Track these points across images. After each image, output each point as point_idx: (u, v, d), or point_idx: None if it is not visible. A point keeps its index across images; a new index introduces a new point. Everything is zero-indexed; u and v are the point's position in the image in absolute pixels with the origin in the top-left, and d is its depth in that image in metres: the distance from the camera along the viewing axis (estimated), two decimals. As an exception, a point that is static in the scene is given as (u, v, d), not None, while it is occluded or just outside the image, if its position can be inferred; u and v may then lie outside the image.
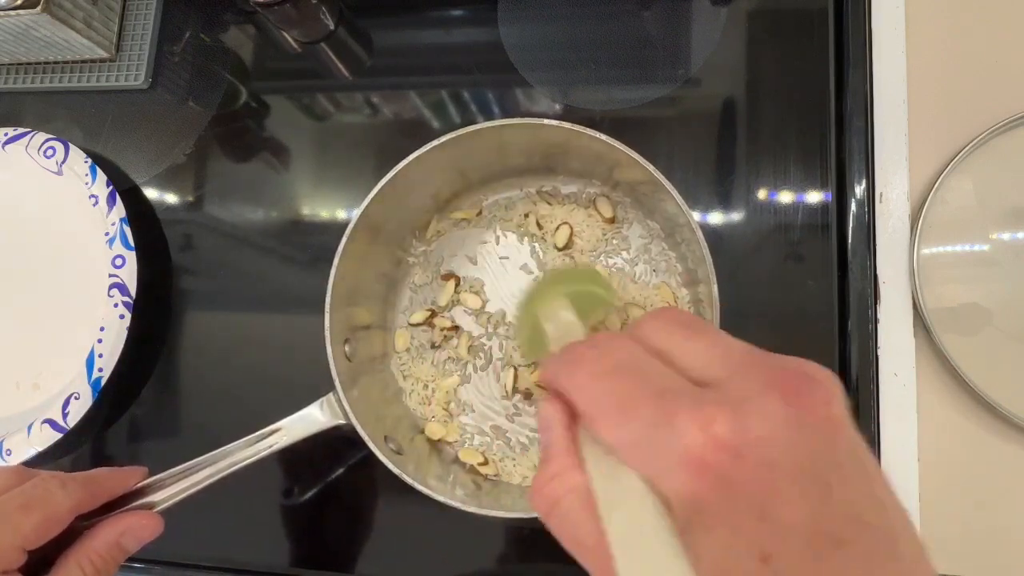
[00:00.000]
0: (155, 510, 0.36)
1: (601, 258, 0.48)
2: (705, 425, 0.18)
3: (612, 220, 0.48)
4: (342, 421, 0.41)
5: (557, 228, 0.48)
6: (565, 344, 0.30)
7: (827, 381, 0.19)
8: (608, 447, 0.20)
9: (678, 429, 0.18)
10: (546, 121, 0.42)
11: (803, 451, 0.18)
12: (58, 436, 0.50)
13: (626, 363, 0.21)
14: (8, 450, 0.51)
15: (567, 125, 0.41)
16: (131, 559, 0.50)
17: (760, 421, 0.18)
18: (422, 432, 0.48)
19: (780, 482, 0.17)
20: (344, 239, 0.43)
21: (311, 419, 0.42)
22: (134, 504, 0.36)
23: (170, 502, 0.37)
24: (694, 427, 0.18)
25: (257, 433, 0.40)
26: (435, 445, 0.47)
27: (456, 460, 0.47)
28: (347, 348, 0.44)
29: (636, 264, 0.48)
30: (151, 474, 0.37)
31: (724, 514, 0.17)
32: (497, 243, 0.49)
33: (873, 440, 0.45)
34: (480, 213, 0.50)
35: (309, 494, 0.51)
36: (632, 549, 0.19)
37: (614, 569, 0.19)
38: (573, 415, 0.23)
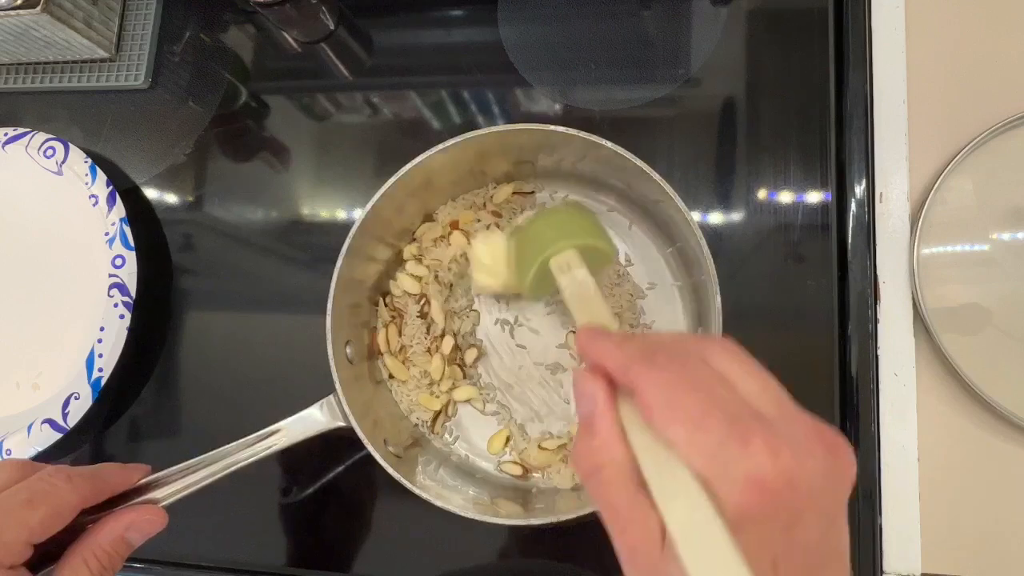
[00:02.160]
0: (170, 501, 0.36)
1: None
2: (774, 454, 0.21)
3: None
4: (342, 423, 0.41)
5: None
6: (592, 312, 0.33)
7: (849, 446, 0.24)
8: (668, 442, 0.23)
9: (751, 451, 0.22)
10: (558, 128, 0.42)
11: (830, 493, 0.23)
12: (58, 436, 0.50)
13: (703, 383, 0.24)
14: (8, 450, 0.51)
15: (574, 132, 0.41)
16: (131, 559, 0.50)
17: (812, 462, 0.22)
18: (423, 425, 0.48)
19: (808, 511, 0.22)
20: (348, 239, 0.43)
21: (311, 420, 0.42)
22: (137, 500, 0.36)
23: (171, 499, 0.37)
24: (765, 452, 0.21)
25: (258, 433, 0.40)
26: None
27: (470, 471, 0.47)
28: (348, 350, 0.44)
29: (631, 265, 0.48)
30: (151, 473, 0.37)
31: (761, 525, 0.21)
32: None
33: (873, 440, 0.45)
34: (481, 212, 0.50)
35: (307, 492, 0.51)
36: (694, 536, 0.22)
37: (672, 549, 0.22)
38: (613, 393, 0.26)
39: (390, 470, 0.40)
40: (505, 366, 0.48)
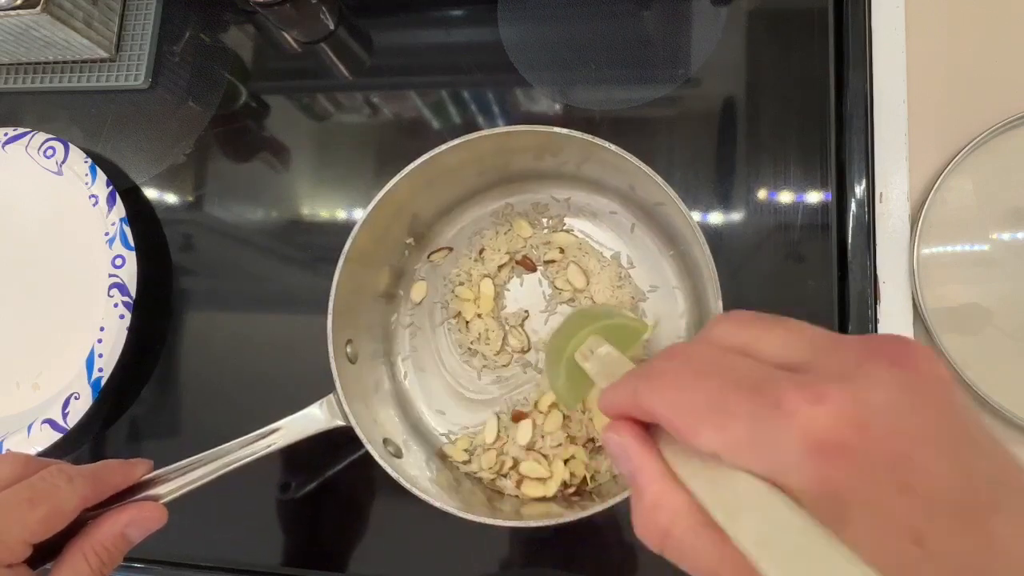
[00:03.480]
0: (170, 498, 0.37)
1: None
2: (817, 399, 0.16)
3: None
4: (342, 422, 0.41)
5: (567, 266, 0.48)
6: (614, 375, 0.29)
7: (921, 345, 0.18)
8: (711, 456, 0.19)
9: (788, 414, 0.17)
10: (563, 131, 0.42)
11: (927, 414, 0.16)
12: (58, 436, 0.50)
13: (709, 364, 0.20)
14: (8, 450, 0.51)
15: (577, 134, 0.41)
16: (131, 558, 0.50)
17: (874, 389, 0.16)
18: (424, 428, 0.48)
19: (913, 450, 0.16)
20: (351, 237, 0.43)
21: (311, 419, 0.42)
22: (138, 497, 0.36)
23: (171, 497, 0.37)
24: (806, 404, 0.16)
25: (258, 431, 0.40)
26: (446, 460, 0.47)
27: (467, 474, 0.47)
28: (349, 350, 0.44)
29: (632, 267, 0.48)
30: (153, 469, 0.37)
31: (864, 496, 0.16)
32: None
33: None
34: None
35: (306, 491, 0.51)
36: (779, 548, 0.17)
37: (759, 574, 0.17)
38: (646, 436, 0.22)
39: (389, 470, 0.40)
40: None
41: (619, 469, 0.23)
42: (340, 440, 0.42)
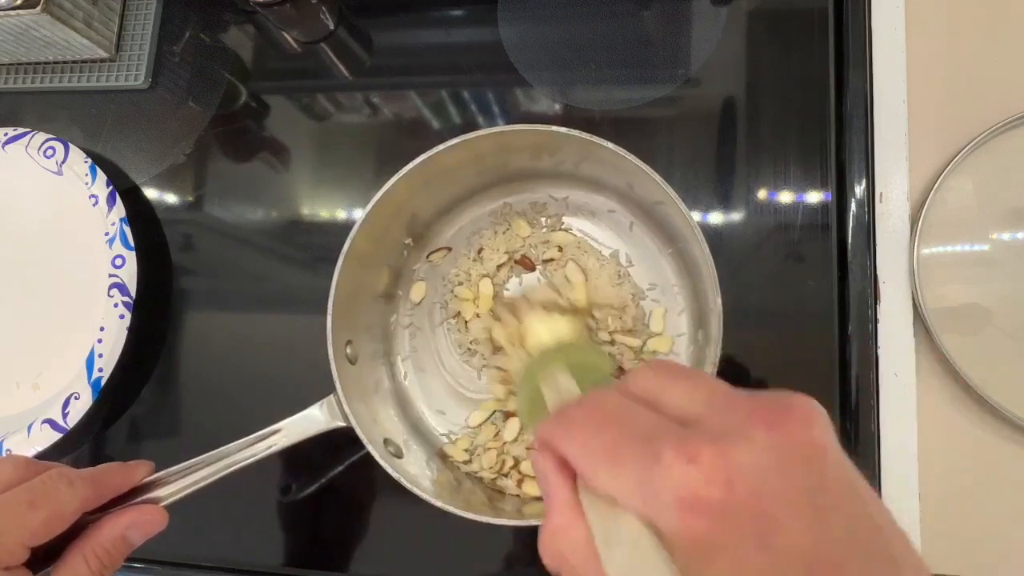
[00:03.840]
0: (169, 501, 0.36)
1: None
2: (691, 458, 0.18)
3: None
4: (342, 423, 0.41)
5: (565, 264, 0.48)
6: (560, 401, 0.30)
7: (806, 406, 0.19)
8: (607, 497, 0.20)
9: (665, 466, 0.18)
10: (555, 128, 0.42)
11: (790, 477, 0.18)
12: (58, 436, 0.50)
13: (613, 413, 0.21)
14: (8, 450, 0.51)
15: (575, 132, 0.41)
16: (131, 558, 0.50)
17: (744, 450, 0.18)
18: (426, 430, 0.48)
19: (774, 510, 0.17)
20: (350, 238, 0.43)
21: (312, 420, 0.41)
22: (138, 500, 0.36)
23: (171, 499, 0.37)
24: (680, 461, 0.18)
25: (258, 433, 0.40)
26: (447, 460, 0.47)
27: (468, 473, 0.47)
28: (348, 350, 0.44)
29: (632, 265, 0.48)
30: (154, 471, 0.37)
31: (724, 547, 0.17)
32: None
33: (873, 440, 0.45)
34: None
35: (307, 492, 0.51)
36: None
37: None
38: (564, 466, 0.23)
39: (390, 470, 0.40)
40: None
41: (540, 490, 0.25)
42: (340, 441, 0.42)
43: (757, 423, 0.19)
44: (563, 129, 0.41)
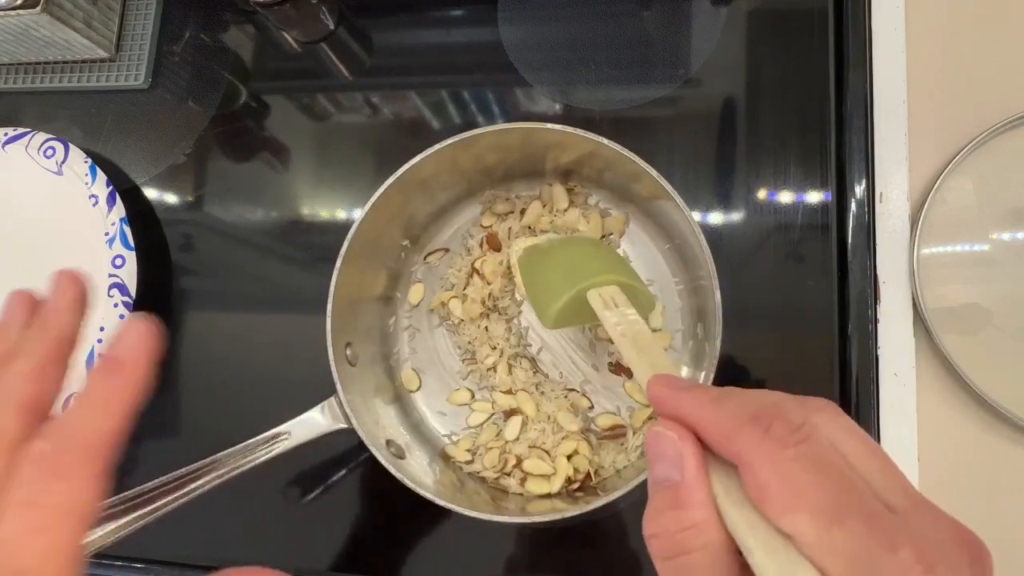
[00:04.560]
0: (157, 515, 0.36)
1: None
2: (929, 569, 0.18)
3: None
4: (344, 425, 0.41)
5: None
6: (643, 346, 0.30)
7: (988, 552, 0.21)
8: (786, 532, 0.19)
9: (900, 561, 0.18)
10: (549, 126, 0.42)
11: None
12: (58, 436, 0.50)
13: (828, 462, 0.20)
14: (8, 450, 0.51)
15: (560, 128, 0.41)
16: (131, 559, 0.50)
17: None
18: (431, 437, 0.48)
19: None
20: (347, 241, 0.43)
21: (313, 423, 0.41)
22: (142, 506, 0.36)
23: (172, 507, 0.37)
24: (919, 566, 0.18)
25: (259, 437, 0.40)
26: (449, 461, 0.47)
27: (469, 472, 0.47)
28: (348, 352, 0.44)
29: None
30: (151, 477, 0.37)
31: None
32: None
33: (873, 440, 0.45)
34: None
35: (309, 492, 0.51)
36: None
37: None
38: (704, 454, 0.22)
39: (393, 470, 0.40)
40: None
41: (652, 470, 0.23)
42: (342, 442, 0.42)
43: (964, 553, 0.20)
44: (558, 126, 0.42)
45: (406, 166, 0.43)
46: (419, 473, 0.42)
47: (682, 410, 0.23)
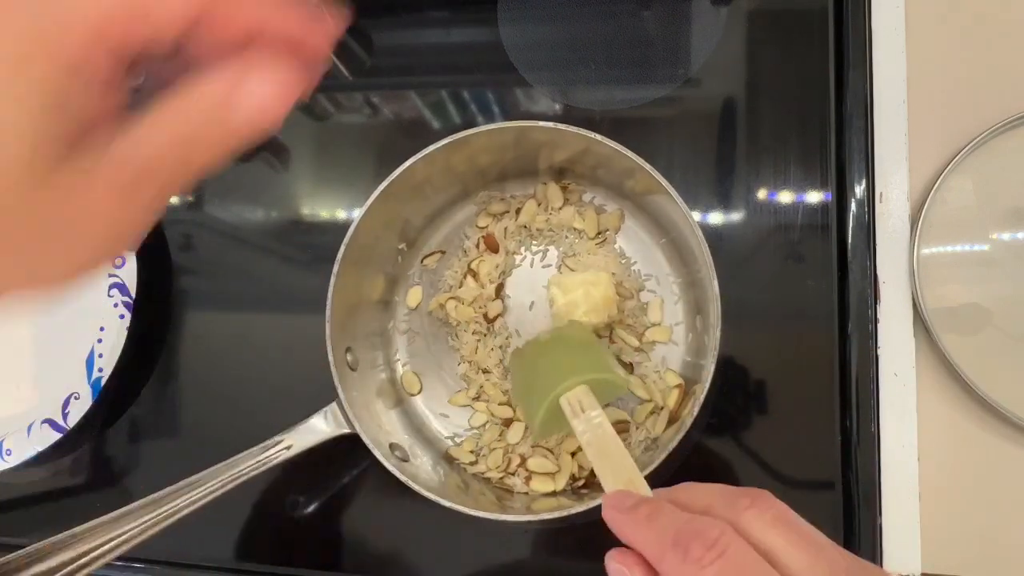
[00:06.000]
0: (160, 527, 0.36)
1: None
2: None
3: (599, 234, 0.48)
4: (347, 430, 0.41)
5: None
6: (604, 454, 0.32)
7: None
8: None
9: None
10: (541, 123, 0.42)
11: None
12: (58, 436, 0.50)
13: (747, 570, 0.22)
14: (8, 450, 0.51)
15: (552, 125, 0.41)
16: (131, 559, 0.50)
17: None
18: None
19: None
20: (342, 247, 0.43)
21: (315, 430, 0.41)
22: (138, 517, 0.36)
23: (175, 518, 0.37)
24: None
25: (261, 445, 0.40)
26: (453, 463, 0.47)
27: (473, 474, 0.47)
28: (349, 357, 0.44)
29: (633, 265, 0.48)
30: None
31: None
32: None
33: (873, 440, 0.45)
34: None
35: (310, 493, 0.51)
36: None
37: None
38: (649, 571, 0.24)
39: (398, 474, 0.40)
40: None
41: None
42: (344, 447, 0.42)
43: None
44: (551, 124, 0.42)
45: (397, 172, 0.43)
46: (424, 476, 0.42)
47: (624, 533, 0.25)
